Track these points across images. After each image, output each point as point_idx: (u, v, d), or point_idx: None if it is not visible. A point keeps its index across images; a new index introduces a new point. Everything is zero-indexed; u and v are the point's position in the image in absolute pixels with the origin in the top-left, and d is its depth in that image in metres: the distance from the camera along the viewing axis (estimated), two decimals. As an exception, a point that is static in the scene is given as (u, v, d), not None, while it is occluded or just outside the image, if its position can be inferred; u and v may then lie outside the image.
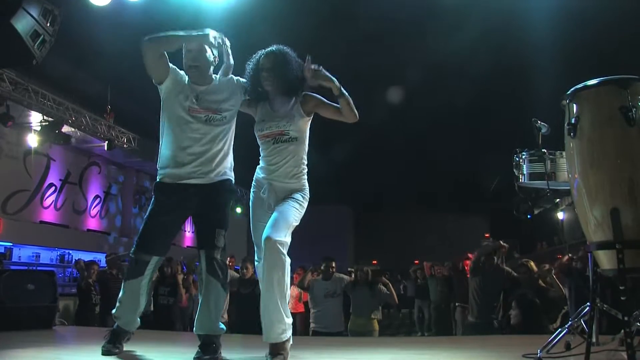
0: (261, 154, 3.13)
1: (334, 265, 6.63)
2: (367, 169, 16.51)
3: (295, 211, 2.98)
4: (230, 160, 3.18)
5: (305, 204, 3.07)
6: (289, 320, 2.85)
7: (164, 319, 7.26)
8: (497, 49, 9.08)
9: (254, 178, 3.15)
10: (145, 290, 3.13)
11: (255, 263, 3.13)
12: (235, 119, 3.18)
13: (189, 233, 18.01)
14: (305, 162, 3.11)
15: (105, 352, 2.98)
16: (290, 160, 3.03)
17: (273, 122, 3.04)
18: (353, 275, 6.86)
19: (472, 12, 7.85)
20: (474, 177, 16.14)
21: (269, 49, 3.12)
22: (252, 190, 3.15)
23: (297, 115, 3.04)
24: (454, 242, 20.34)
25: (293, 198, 3.02)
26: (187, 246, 17.30)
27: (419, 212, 22.79)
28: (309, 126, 3.12)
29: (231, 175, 3.17)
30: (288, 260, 2.83)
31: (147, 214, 3.13)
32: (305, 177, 3.11)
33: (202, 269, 3.03)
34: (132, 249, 3.10)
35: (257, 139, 3.13)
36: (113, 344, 3.04)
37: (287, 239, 2.85)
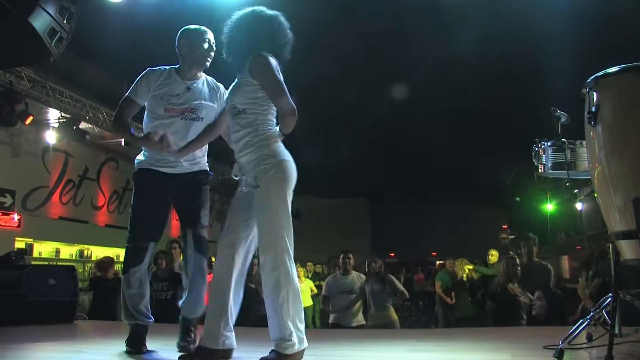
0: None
1: (351, 257, 6.57)
2: (384, 162, 16.44)
3: None
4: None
5: None
6: None
7: (164, 315, 6.84)
8: (512, 37, 8.99)
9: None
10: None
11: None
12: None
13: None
14: None
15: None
16: None
17: None
18: (366, 270, 6.75)
19: (482, 2, 7.77)
20: (492, 169, 15.98)
21: None
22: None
23: None
24: (472, 234, 20.22)
25: None
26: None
27: (436, 204, 22.64)
28: None
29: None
30: None
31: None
32: None
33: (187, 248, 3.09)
34: (128, 238, 3.16)
35: None
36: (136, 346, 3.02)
37: None
